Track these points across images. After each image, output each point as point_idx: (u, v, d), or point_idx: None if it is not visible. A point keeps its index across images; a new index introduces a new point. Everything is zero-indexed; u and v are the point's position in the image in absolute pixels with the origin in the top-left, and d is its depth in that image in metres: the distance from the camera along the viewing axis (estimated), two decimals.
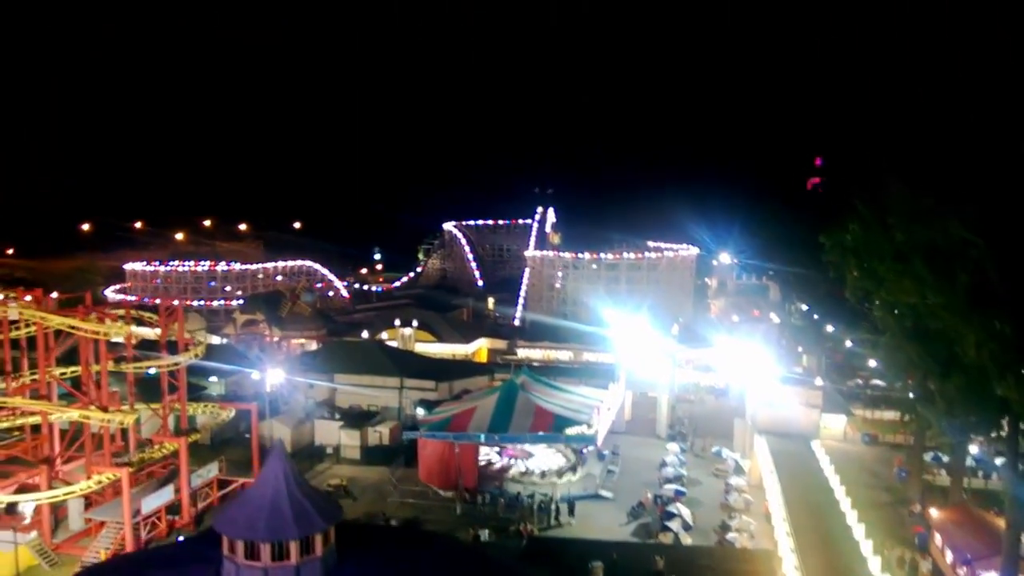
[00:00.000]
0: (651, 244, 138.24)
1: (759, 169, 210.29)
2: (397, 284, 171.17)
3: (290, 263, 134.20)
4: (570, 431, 54.98)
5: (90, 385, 53.23)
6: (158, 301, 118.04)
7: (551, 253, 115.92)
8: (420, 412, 72.87)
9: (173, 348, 57.24)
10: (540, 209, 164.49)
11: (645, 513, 54.84)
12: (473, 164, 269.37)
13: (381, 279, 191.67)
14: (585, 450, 61.56)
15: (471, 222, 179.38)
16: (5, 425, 56.10)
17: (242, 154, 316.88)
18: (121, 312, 57.87)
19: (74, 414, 50.80)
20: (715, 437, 71.25)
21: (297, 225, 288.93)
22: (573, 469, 59.74)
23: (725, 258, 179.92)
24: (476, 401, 60.61)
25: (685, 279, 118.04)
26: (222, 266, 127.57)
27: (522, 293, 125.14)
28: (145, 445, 54.42)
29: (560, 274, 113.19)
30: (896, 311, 58.06)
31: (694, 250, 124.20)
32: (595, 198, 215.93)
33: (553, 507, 53.71)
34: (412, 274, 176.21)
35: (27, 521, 48.15)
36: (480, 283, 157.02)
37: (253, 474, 58.90)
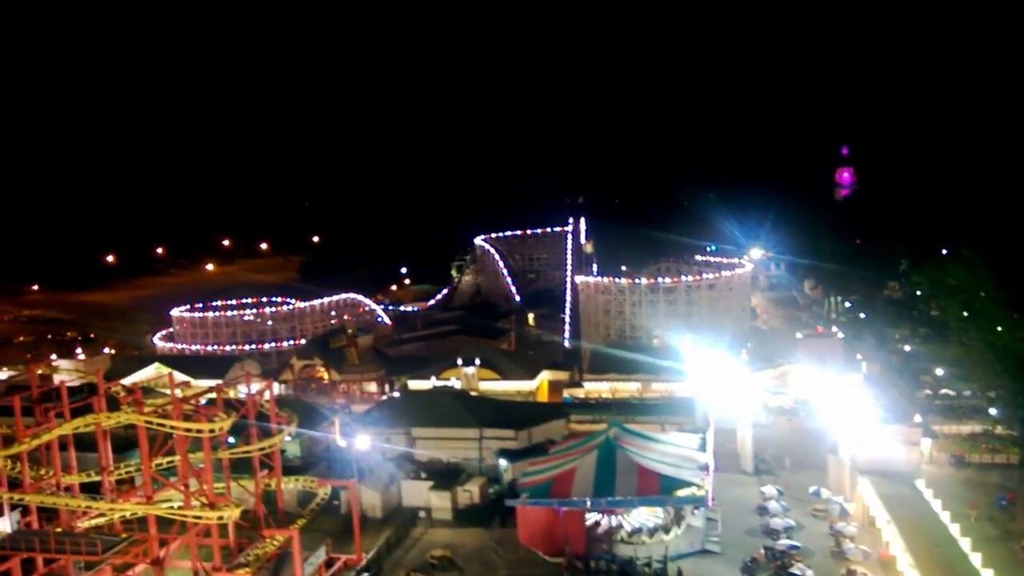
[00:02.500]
0: (699, 258, 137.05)
1: (788, 163, 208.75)
2: (431, 302, 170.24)
3: (334, 297, 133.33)
4: (680, 493, 54.07)
5: (188, 478, 52.59)
6: (210, 347, 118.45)
7: (606, 280, 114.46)
8: (502, 463, 72.08)
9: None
10: (571, 220, 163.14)
11: (759, 569, 54.11)
12: (495, 171, 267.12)
13: (409, 295, 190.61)
14: None
15: (500, 234, 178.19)
16: (99, 521, 55.62)
17: (255, 169, 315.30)
18: (212, 395, 57.19)
19: (181, 514, 50.02)
20: (806, 471, 70.07)
21: (316, 239, 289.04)
22: (676, 522, 58.90)
23: (756, 253, 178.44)
24: (573, 461, 59.65)
25: (743, 297, 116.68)
26: (269, 308, 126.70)
27: (567, 314, 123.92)
28: (253, 535, 53.62)
29: (615, 300, 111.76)
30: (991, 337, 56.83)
31: (748, 266, 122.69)
32: (621, 200, 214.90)
33: (667, 569, 53.00)
34: (445, 291, 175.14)
35: None
36: (517, 298, 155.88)
37: (355, 551, 58.34)
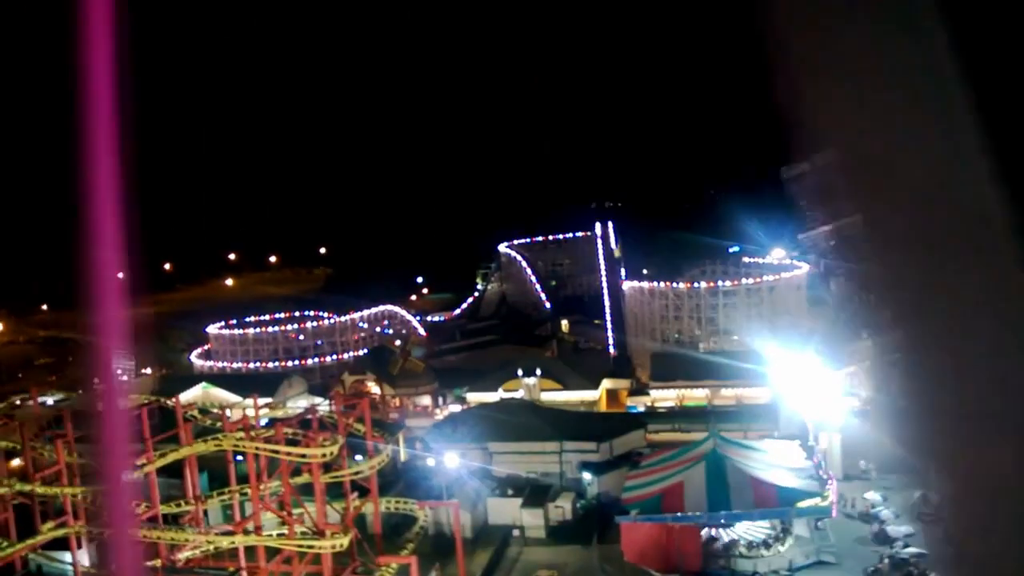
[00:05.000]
0: (746, 260, 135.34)
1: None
2: (457, 312, 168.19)
3: (373, 310, 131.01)
4: (802, 504, 52.28)
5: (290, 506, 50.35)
6: (251, 365, 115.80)
7: (662, 285, 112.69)
8: (586, 477, 70.14)
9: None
10: (600, 224, 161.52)
11: None
12: (513, 178, 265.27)
13: (430, 304, 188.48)
14: None
15: (524, 240, 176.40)
16: (194, 553, 53.22)
17: (263, 181, 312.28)
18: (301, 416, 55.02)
19: (291, 543, 47.81)
20: (896, 475, 68.50)
21: (323, 251, 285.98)
22: (786, 532, 57.09)
23: (779, 253, 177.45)
24: (678, 474, 57.75)
25: (801, 298, 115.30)
26: (311, 323, 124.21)
27: (607, 321, 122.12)
28: (366, 563, 51.35)
29: (671, 304, 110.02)
30: None
31: (805, 267, 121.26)
32: (643, 202, 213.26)
33: None
34: (470, 300, 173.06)
35: None
36: (548, 305, 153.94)
37: (459, 575, 56.15)
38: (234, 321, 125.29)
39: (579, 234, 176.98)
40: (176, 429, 57.00)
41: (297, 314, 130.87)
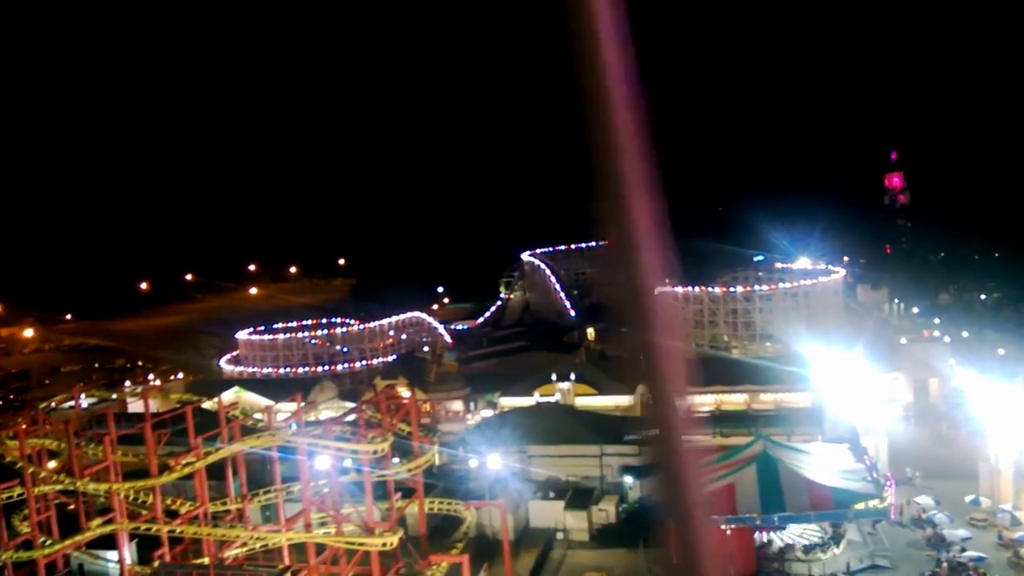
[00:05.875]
0: (779, 266, 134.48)
1: (835, 170, 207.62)
2: (480, 320, 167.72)
3: (401, 316, 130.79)
4: (859, 506, 51.16)
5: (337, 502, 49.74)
6: (281, 370, 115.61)
7: (697, 290, 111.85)
8: (628, 480, 69.17)
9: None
10: None
11: None
12: (532, 186, 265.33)
13: (451, 314, 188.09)
14: None
15: (547, 249, 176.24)
16: (240, 551, 52.69)
17: (278, 192, 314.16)
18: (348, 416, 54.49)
19: (341, 540, 47.20)
20: (944, 480, 67.26)
21: (341, 261, 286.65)
22: (839, 536, 55.97)
23: (804, 262, 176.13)
24: (728, 476, 56.53)
25: (837, 303, 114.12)
26: (340, 329, 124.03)
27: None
28: (412, 562, 50.65)
29: (707, 309, 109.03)
30: None
31: (840, 272, 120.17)
32: (673, 205, 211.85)
33: None
34: (493, 309, 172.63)
35: None
36: (573, 313, 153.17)
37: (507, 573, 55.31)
38: (262, 328, 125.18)
39: (602, 242, 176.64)
40: (216, 430, 56.66)
41: (324, 321, 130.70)
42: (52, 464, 66.03)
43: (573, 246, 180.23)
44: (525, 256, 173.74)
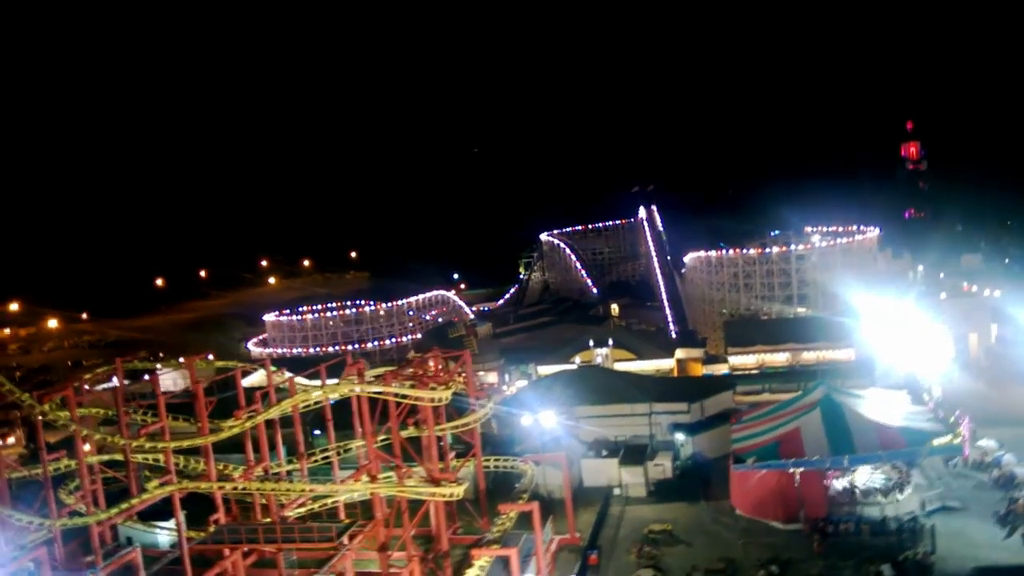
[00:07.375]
0: (808, 229, 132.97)
1: (853, 140, 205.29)
2: (500, 302, 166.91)
3: (427, 294, 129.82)
4: (936, 442, 49.90)
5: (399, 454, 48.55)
6: (311, 350, 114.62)
7: (731, 252, 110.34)
8: (679, 437, 68.06)
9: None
10: (645, 208, 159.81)
11: (1019, 520, 49.82)
12: (546, 169, 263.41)
13: (467, 298, 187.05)
14: None
15: (566, 229, 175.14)
16: (301, 511, 51.71)
17: (289, 185, 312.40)
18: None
19: (408, 490, 45.97)
20: (1008, 428, 65.93)
21: (353, 255, 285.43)
22: (904, 480, 54.69)
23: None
24: (792, 421, 55.55)
25: (872, 261, 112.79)
26: (368, 307, 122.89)
27: (665, 301, 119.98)
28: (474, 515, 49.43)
29: (741, 272, 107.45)
30: None
31: (875, 230, 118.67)
32: (680, 188, 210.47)
33: (920, 527, 48.84)
34: (513, 290, 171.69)
35: None
36: (595, 291, 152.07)
37: (569, 530, 54.22)
38: (287, 311, 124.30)
39: (619, 222, 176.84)
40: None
41: (349, 303, 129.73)
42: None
43: (590, 226, 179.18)
44: (543, 236, 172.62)
